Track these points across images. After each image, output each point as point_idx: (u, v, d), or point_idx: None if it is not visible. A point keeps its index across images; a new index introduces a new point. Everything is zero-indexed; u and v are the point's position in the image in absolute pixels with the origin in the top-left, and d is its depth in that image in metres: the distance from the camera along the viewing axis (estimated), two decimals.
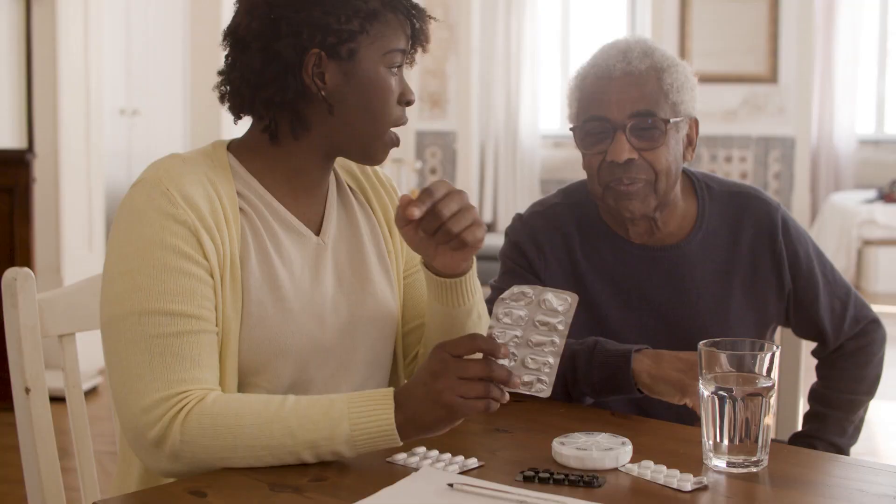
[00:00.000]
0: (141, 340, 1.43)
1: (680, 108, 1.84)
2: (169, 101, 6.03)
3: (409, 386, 1.40)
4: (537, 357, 1.41)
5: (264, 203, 1.59)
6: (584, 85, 1.86)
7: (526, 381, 1.41)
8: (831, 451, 1.93)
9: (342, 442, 1.38)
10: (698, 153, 9.91)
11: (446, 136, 10.41)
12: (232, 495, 1.31)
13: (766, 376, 1.41)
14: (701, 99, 1.90)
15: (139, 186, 1.52)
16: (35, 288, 1.70)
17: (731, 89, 9.72)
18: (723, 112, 9.79)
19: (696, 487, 1.34)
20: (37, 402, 1.68)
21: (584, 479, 1.35)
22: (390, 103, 1.58)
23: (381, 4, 1.56)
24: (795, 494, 1.34)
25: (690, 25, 9.80)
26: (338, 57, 1.54)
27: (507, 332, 1.42)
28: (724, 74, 9.69)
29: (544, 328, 1.42)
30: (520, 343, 1.42)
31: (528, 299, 1.42)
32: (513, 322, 1.42)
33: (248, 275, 1.53)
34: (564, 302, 1.42)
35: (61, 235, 4.81)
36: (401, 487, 1.29)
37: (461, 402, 1.36)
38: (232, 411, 1.40)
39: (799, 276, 1.92)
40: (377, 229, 1.73)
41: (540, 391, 1.42)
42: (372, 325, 1.66)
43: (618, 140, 1.80)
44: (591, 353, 1.74)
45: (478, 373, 1.36)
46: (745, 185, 1.98)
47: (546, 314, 1.42)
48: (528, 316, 1.42)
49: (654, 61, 1.83)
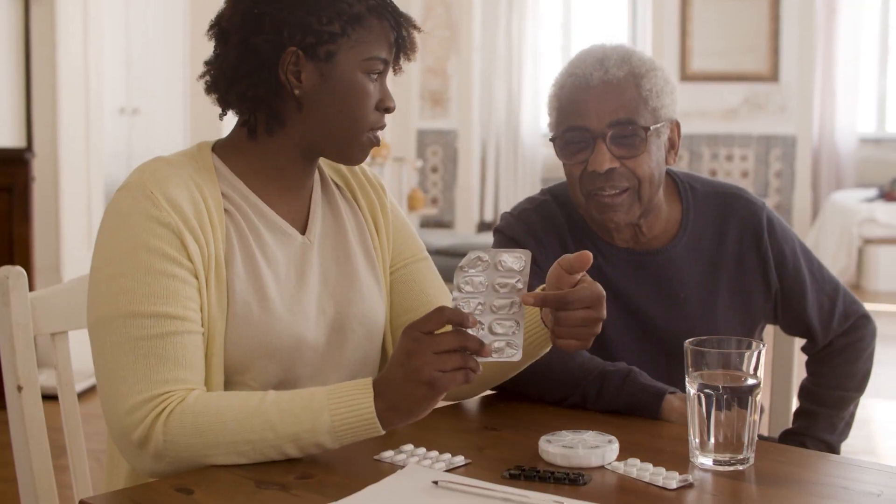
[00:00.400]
0: (126, 342, 1.44)
1: (660, 113, 1.82)
2: (169, 100, 6.04)
3: (386, 372, 1.40)
4: (503, 321, 1.41)
5: (249, 204, 1.60)
6: (561, 94, 1.84)
7: (497, 348, 1.41)
8: (822, 448, 1.93)
9: (324, 433, 1.39)
10: (699, 151, 9.91)
11: (447, 134, 10.41)
12: (218, 492, 1.32)
13: (752, 374, 1.42)
14: (702, 97, 1.90)
15: (124, 191, 1.53)
16: (27, 286, 1.70)
17: (731, 88, 9.71)
18: (724, 111, 9.78)
19: (682, 485, 1.34)
20: (29, 400, 1.68)
21: (570, 476, 1.35)
22: (366, 108, 1.58)
23: (367, 10, 1.56)
24: (781, 492, 1.34)
25: (691, 24, 9.79)
26: (316, 57, 1.54)
27: (470, 301, 1.41)
28: (725, 73, 9.69)
29: (504, 290, 1.41)
30: (484, 310, 1.41)
31: (484, 263, 1.41)
32: (474, 289, 1.41)
33: (233, 275, 1.54)
34: (519, 260, 1.42)
35: (61, 234, 4.82)
36: (386, 485, 1.29)
37: (440, 375, 1.35)
38: (213, 409, 1.41)
39: (786, 275, 1.92)
40: (363, 226, 1.73)
41: (511, 356, 1.42)
42: (359, 322, 1.66)
43: (598, 150, 1.79)
44: (624, 381, 1.70)
45: (452, 344, 1.36)
46: (730, 184, 1.97)
47: (504, 276, 1.41)
48: (488, 280, 1.41)
49: (632, 67, 1.81)
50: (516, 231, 1.92)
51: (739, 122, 9.80)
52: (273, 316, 1.56)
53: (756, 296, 1.91)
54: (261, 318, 1.55)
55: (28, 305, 1.70)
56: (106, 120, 5.35)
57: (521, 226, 1.92)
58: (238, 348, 1.54)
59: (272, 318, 1.56)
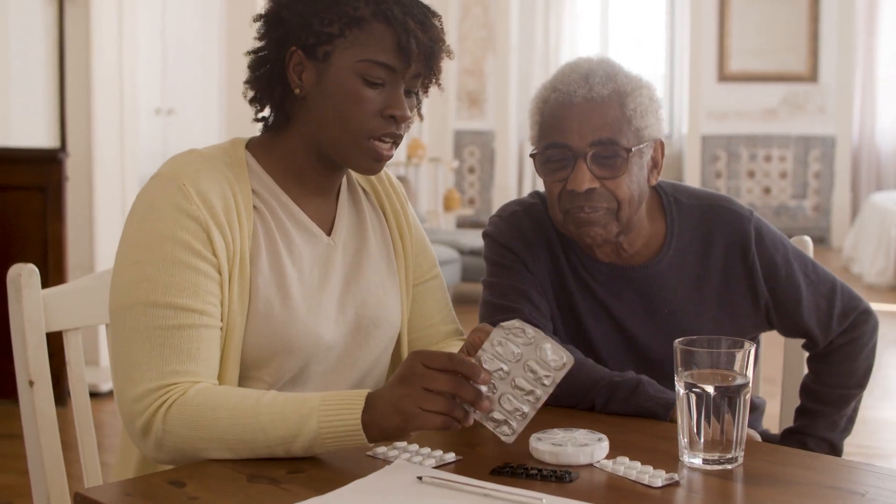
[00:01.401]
0: (143, 330, 1.47)
1: (644, 133, 1.79)
2: (204, 101, 6.10)
3: (381, 388, 1.41)
4: (515, 400, 1.39)
5: (279, 201, 1.62)
6: (545, 109, 1.81)
7: (495, 419, 1.40)
8: (823, 446, 1.93)
9: (310, 439, 1.40)
10: (737, 152, 9.86)
11: (484, 135, 10.43)
12: (210, 486, 1.34)
13: (741, 374, 1.42)
14: (740, 98, 1.86)
15: (156, 180, 1.56)
16: (39, 284, 1.74)
17: (770, 88, 9.66)
18: (762, 111, 9.72)
19: (667, 483, 1.35)
20: (41, 395, 1.72)
21: (557, 474, 1.36)
22: (360, 111, 1.56)
23: (372, 13, 1.55)
24: (767, 492, 1.35)
25: (730, 24, 9.74)
26: (314, 58, 1.56)
27: (495, 361, 1.39)
28: (764, 73, 9.63)
29: (531, 375, 1.39)
30: (504, 378, 1.39)
31: (526, 339, 1.39)
32: (504, 354, 1.39)
33: (256, 272, 1.57)
34: (560, 359, 1.39)
35: (95, 233, 4.89)
36: (371, 479, 1.31)
37: (418, 412, 1.35)
38: (210, 404, 1.43)
39: (777, 285, 1.89)
40: (387, 233, 1.76)
41: (504, 434, 1.40)
42: (376, 326, 1.69)
43: (578, 169, 1.76)
44: (633, 392, 1.70)
45: (443, 387, 1.35)
46: (717, 195, 1.94)
47: (538, 363, 1.39)
48: (522, 356, 1.39)
49: (618, 85, 1.77)
50: (507, 236, 1.89)
51: (778, 122, 9.74)
52: (294, 314, 1.58)
53: (744, 308, 1.89)
54: (282, 316, 1.57)
55: (40, 303, 1.74)
56: (141, 120, 5.41)
57: (512, 230, 1.90)
58: (257, 344, 1.56)
59: (293, 316, 1.58)
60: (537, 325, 1.82)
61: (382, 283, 1.71)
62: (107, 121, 4.92)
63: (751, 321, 1.90)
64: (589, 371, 1.73)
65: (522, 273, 1.87)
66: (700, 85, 9.96)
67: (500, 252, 1.90)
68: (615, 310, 1.87)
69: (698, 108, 9.97)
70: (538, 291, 1.86)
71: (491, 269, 1.91)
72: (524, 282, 1.86)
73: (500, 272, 1.88)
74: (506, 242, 1.89)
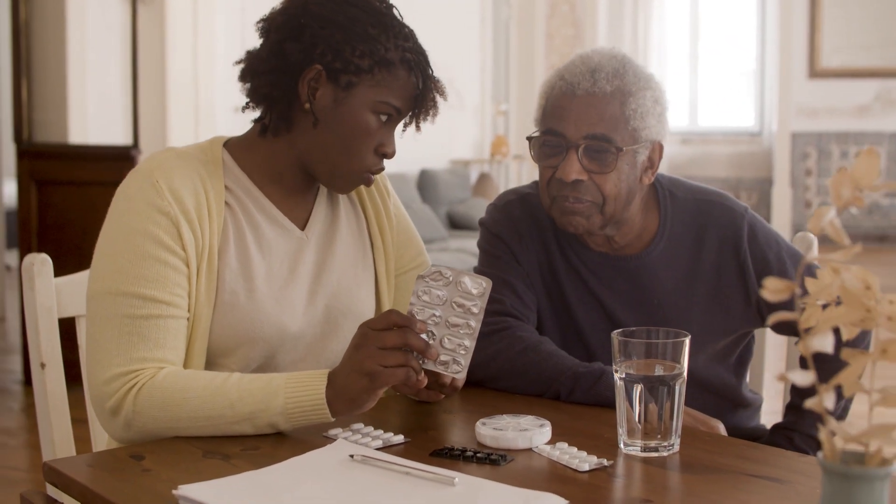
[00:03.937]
0: (113, 318, 1.58)
1: (640, 135, 1.82)
2: None
3: (340, 363, 1.51)
4: (454, 338, 1.50)
5: (251, 198, 1.71)
6: (549, 95, 1.86)
7: (443, 361, 1.50)
8: (809, 442, 1.93)
9: (277, 413, 1.50)
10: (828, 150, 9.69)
11: None
12: (166, 460, 1.43)
13: (677, 363, 1.47)
14: (831, 94, 1.83)
15: (134, 175, 1.66)
16: (52, 272, 1.86)
17: (863, 84, 9.47)
18: (855, 107, 9.54)
19: (594, 468, 1.39)
20: (52, 376, 1.84)
21: (492, 457, 1.42)
22: (365, 145, 1.66)
23: (400, 60, 1.64)
24: (692, 478, 1.39)
25: (820, 19, 9.58)
26: (336, 82, 1.63)
27: (425, 310, 1.50)
28: (856, 69, 9.45)
29: (460, 310, 1.50)
30: (438, 322, 1.50)
31: (445, 279, 1.50)
32: (431, 300, 1.50)
33: (224, 265, 1.66)
34: (479, 286, 1.50)
35: None
36: (307, 456, 1.39)
37: (380, 370, 1.46)
38: (179, 385, 1.53)
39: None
40: (364, 227, 1.84)
41: (455, 372, 1.50)
42: (346, 317, 1.77)
43: (569, 159, 1.81)
44: (596, 382, 1.74)
45: (395, 341, 1.46)
46: (712, 191, 1.96)
47: (462, 296, 1.50)
48: (447, 296, 1.50)
49: (622, 84, 1.81)
50: (500, 226, 1.96)
51: (871, 118, 9.55)
52: (259, 305, 1.67)
53: (736, 303, 1.91)
54: (247, 307, 1.66)
55: (53, 289, 1.86)
56: (218, 118, 5.57)
57: (505, 219, 1.96)
58: (222, 334, 1.66)
59: (257, 307, 1.67)
60: (520, 317, 1.89)
61: (356, 275, 1.79)
62: (181, 118, 5.09)
63: (742, 316, 1.92)
64: (556, 362, 1.78)
65: (510, 263, 1.93)
66: (790, 81, 9.82)
67: (491, 241, 1.97)
68: (605, 299, 1.91)
69: (788, 105, 9.83)
70: (525, 283, 1.92)
71: (481, 257, 1.99)
72: (511, 273, 1.92)
73: (490, 261, 1.95)
74: (498, 232, 1.96)
